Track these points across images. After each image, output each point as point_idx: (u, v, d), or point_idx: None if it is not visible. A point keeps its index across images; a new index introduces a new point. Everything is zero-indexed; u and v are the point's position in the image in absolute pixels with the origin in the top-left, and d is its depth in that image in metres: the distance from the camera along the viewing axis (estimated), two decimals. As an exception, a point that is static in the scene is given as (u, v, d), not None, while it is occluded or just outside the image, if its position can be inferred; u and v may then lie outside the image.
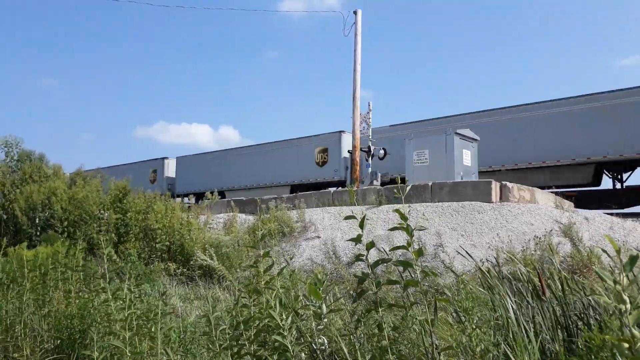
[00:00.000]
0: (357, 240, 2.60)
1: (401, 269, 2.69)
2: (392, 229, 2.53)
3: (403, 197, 2.79)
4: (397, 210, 2.49)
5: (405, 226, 2.43)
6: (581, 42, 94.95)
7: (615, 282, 1.34)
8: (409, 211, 10.14)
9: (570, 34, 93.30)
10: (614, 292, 1.37)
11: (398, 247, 2.52)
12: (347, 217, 2.79)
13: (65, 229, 9.48)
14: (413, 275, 2.47)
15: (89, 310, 3.80)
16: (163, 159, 34.90)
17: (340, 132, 25.51)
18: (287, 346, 2.44)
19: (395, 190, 2.75)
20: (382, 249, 4.42)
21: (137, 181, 34.23)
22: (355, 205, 11.81)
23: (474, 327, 2.18)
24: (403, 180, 15.29)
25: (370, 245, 2.56)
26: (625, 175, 19.45)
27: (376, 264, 2.52)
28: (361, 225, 2.59)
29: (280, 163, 28.08)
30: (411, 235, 2.40)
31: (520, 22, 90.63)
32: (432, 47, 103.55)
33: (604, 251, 1.58)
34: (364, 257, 2.56)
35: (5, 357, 3.84)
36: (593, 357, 1.70)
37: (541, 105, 19.72)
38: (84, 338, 3.68)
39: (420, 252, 2.43)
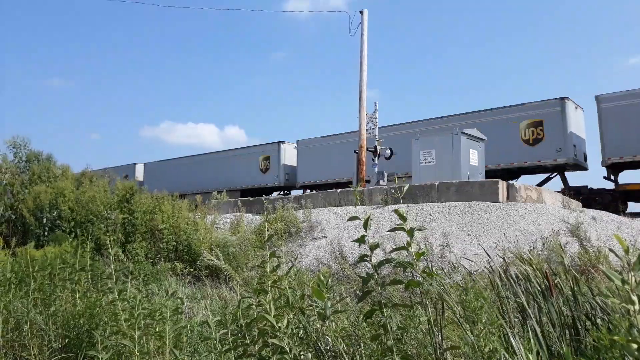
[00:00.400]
0: (360, 241, 2.59)
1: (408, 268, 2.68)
2: (391, 230, 2.53)
3: (401, 197, 2.78)
4: (396, 211, 2.48)
5: (404, 227, 2.42)
6: (588, 40, 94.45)
7: (623, 281, 1.33)
8: (415, 211, 10.12)
9: (578, 32, 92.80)
10: (622, 292, 1.36)
11: (398, 249, 2.52)
12: (351, 218, 2.78)
13: (73, 229, 9.54)
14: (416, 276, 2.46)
15: (96, 310, 3.82)
16: (279, 143, 29.53)
17: (564, 98, 19.28)
18: (285, 348, 2.44)
19: (393, 191, 2.74)
20: (389, 248, 4.41)
21: (243, 170, 30.15)
22: (359, 205, 11.81)
23: (483, 327, 2.16)
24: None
25: (374, 246, 2.56)
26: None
27: (380, 264, 2.52)
28: (365, 226, 2.58)
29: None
30: (411, 236, 2.40)
31: (526, 20, 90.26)
32: (437, 45, 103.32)
33: (612, 251, 1.56)
34: (368, 258, 2.56)
35: (13, 356, 3.86)
36: (601, 357, 1.69)
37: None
38: (91, 337, 3.69)
39: (420, 254, 2.42)
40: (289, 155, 29.71)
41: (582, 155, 20.09)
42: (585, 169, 20.48)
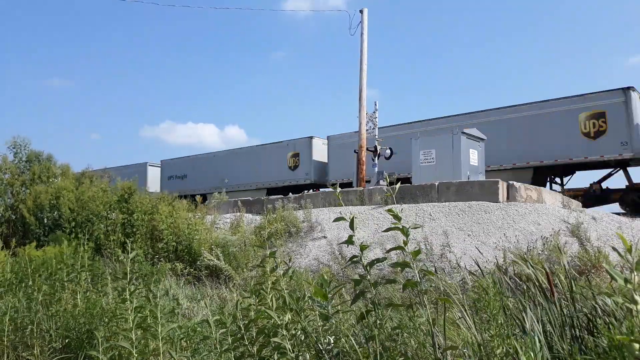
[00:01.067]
0: (349, 242, 2.59)
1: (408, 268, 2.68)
2: (386, 230, 2.53)
3: (399, 197, 2.78)
4: (389, 210, 2.47)
5: (399, 226, 2.42)
6: (589, 40, 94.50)
7: (626, 280, 1.32)
8: (415, 211, 10.12)
9: (578, 31, 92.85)
10: (624, 291, 1.35)
11: (394, 248, 2.52)
12: (337, 219, 2.78)
13: (73, 229, 9.54)
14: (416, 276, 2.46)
15: (97, 310, 3.82)
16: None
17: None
18: (286, 347, 2.44)
19: (385, 189, 2.74)
20: (390, 247, 4.38)
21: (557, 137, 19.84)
22: (342, 206, 11.82)
23: (498, 328, 2.13)
24: (404, 180, 15.26)
25: (364, 247, 2.57)
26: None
27: (371, 264, 2.52)
28: (351, 227, 2.58)
29: None
30: (407, 235, 2.39)
31: (527, 19, 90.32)
32: (437, 45, 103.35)
33: (614, 249, 1.56)
34: (359, 259, 2.56)
35: (15, 356, 3.86)
36: (612, 357, 1.68)
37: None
38: (91, 338, 3.69)
39: (417, 253, 2.42)
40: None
41: None
42: None
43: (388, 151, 17.68)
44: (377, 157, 17.47)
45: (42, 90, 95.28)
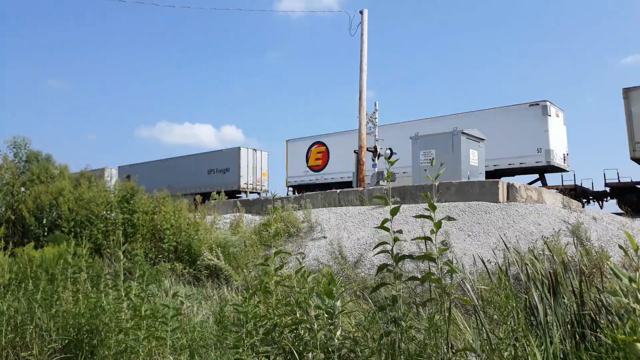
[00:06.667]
0: (383, 227, 2.58)
1: (409, 269, 2.67)
2: (418, 217, 2.52)
3: (399, 198, 2.77)
4: (426, 196, 2.46)
5: (432, 216, 2.41)
6: (582, 40, 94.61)
7: (630, 279, 1.31)
8: (415, 211, 10.10)
9: (571, 32, 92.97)
10: (629, 290, 1.34)
11: (421, 238, 2.52)
12: (376, 197, 2.77)
13: (72, 230, 9.51)
14: (435, 271, 2.45)
15: (96, 311, 3.81)
16: None
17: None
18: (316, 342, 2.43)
19: (385, 190, 2.74)
20: (389, 250, 4.37)
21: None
22: (364, 205, 11.80)
23: (511, 329, 2.11)
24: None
25: (396, 238, 2.56)
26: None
27: (401, 258, 2.52)
28: (393, 213, 2.57)
29: None
30: (438, 228, 2.39)
31: (522, 20, 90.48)
32: (436, 46, 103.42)
33: (621, 247, 1.55)
34: (390, 249, 2.55)
35: (14, 356, 3.85)
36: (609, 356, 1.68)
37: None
38: (91, 338, 3.68)
39: (445, 248, 2.41)
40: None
41: None
42: None
43: (388, 151, 17.66)
44: (377, 157, 17.46)
45: (41, 90, 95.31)
